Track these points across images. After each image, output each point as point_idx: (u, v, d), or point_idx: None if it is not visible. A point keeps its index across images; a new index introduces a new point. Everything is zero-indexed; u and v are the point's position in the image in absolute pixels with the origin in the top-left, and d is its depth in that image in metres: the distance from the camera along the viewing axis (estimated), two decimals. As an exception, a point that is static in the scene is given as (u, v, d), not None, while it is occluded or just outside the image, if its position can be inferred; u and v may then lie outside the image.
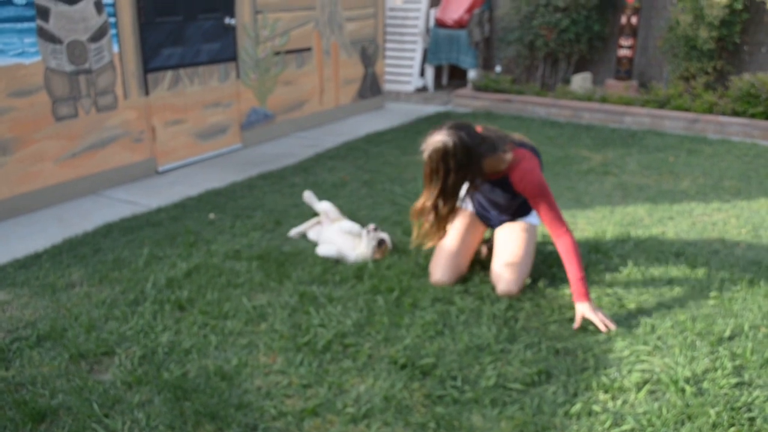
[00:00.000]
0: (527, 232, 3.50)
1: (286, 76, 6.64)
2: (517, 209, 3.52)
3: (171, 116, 5.50)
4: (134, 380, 2.65)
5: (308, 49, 6.87)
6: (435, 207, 3.23)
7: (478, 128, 3.26)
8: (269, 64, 6.40)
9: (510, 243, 3.46)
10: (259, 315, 3.15)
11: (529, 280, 3.48)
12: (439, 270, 3.48)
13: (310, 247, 3.89)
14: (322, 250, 3.74)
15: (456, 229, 3.57)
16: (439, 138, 3.09)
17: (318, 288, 3.38)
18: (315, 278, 3.49)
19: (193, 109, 5.70)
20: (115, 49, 4.95)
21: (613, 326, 3.05)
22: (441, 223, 3.31)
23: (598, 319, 3.05)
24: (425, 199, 3.24)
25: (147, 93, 5.26)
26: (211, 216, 4.39)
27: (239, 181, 5.16)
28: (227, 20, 5.86)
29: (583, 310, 3.08)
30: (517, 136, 3.41)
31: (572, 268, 3.12)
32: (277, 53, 6.47)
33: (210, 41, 5.74)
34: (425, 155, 3.13)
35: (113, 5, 4.87)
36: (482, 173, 3.20)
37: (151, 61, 5.25)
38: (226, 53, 5.92)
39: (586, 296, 3.09)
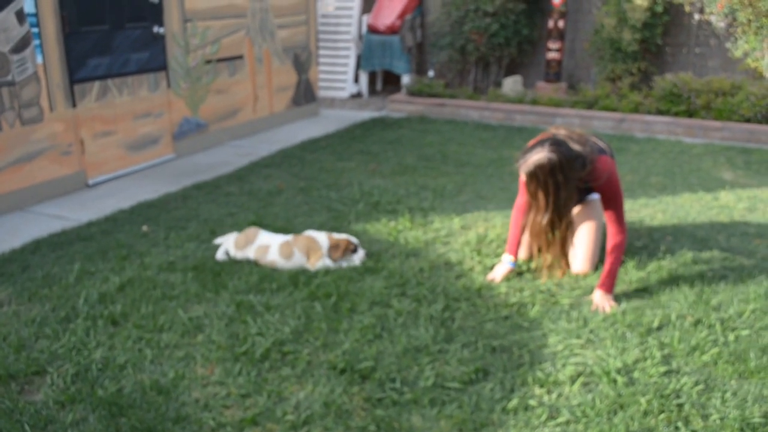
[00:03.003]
0: (595, 213, 3.72)
1: (218, 84, 6.57)
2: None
3: (100, 128, 5.38)
4: (67, 399, 2.59)
5: (240, 57, 6.82)
6: (551, 225, 3.32)
7: (561, 131, 3.37)
8: (200, 72, 6.32)
9: (582, 227, 3.70)
10: (196, 326, 3.11)
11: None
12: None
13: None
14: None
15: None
16: (542, 155, 3.16)
17: (255, 297, 3.36)
18: (252, 287, 3.47)
19: (122, 120, 5.58)
20: (39, 60, 4.82)
21: (608, 309, 3.28)
22: (561, 242, 3.41)
23: (599, 304, 3.32)
24: (534, 216, 3.33)
25: (74, 104, 5.13)
26: (144, 228, 4.31)
27: (173, 192, 5.08)
28: (156, 29, 5.78)
29: (597, 294, 3.36)
30: (595, 138, 3.54)
31: (610, 262, 3.37)
32: (209, 62, 6.40)
33: (138, 51, 5.64)
34: (525, 172, 3.21)
35: (35, 15, 4.74)
36: (578, 186, 3.32)
37: (77, 72, 5.12)
38: (156, 62, 5.83)
39: (606, 287, 3.35)
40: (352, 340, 2.96)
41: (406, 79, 9.25)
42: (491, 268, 3.72)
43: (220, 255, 3.83)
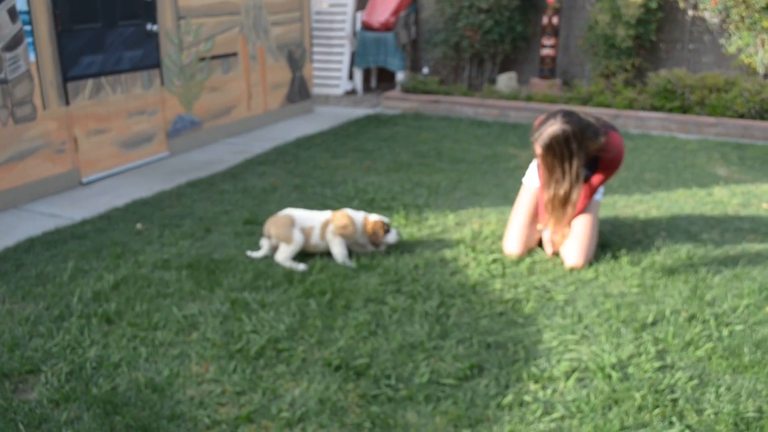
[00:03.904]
0: (592, 209, 3.82)
1: (212, 81, 6.56)
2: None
3: (94, 125, 5.36)
4: (61, 397, 2.58)
5: (234, 54, 6.80)
6: (568, 194, 3.51)
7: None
8: (194, 70, 6.31)
9: (578, 221, 3.75)
10: (190, 324, 3.10)
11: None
12: (511, 242, 3.84)
13: (240, 253, 3.85)
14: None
15: (526, 204, 3.88)
16: (557, 126, 3.36)
17: (250, 294, 3.36)
18: (246, 284, 3.46)
19: (116, 117, 5.57)
20: (32, 58, 4.80)
21: (551, 249, 3.76)
22: (569, 211, 3.59)
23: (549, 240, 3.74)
24: (554, 190, 3.52)
25: (67, 102, 5.11)
26: (139, 226, 4.30)
27: (167, 190, 5.07)
28: (149, 26, 5.75)
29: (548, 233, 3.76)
30: (603, 119, 3.68)
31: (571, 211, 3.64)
32: (202, 59, 6.38)
33: (132, 48, 5.63)
34: (542, 145, 3.38)
35: (28, 13, 4.72)
36: (589, 155, 3.50)
37: (70, 70, 5.10)
38: (149, 60, 5.81)
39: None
40: (347, 337, 2.96)
41: (400, 76, 9.24)
42: (486, 264, 3.72)
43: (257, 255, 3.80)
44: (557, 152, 3.39)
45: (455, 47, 8.89)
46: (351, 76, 9.62)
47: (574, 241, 3.73)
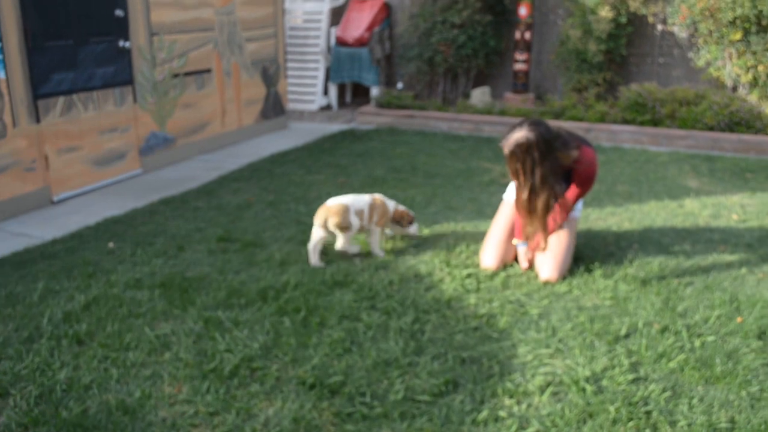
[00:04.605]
0: (569, 225, 3.87)
1: (185, 98, 6.53)
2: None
3: (65, 143, 5.31)
4: (30, 421, 2.53)
5: (208, 71, 6.78)
6: (529, 202, 3.58)
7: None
8: (167, 86, 6.28)
9: (554, 236, 3.80)
10: (163, 344, 3.06)
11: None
12: (487, 256, 3.88)
13: (214, 271, 3.82)
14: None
15: (504, 218, 3.94)
16: (521, 134, 3.45)
17: (223, 312, 3.33)
18: (220, 303, 3.43)
19: (88, 135, 5.52)
20: (2, 75, 4.74)
21: (526, 264, 3.84)
22: (539, 218, 3.64)
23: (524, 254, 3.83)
24: (518, 195, 3.62)
25: (38, 120, 5.06)
26: (111, 245, 4.26)
27: (140, 208, 5.03)
28: (121, 43, 5.72)
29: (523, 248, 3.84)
30: (577, 134, 3.79)
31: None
32: (176, 75, 6.36)
33: (104, 65, 5.59)
34: (507, 152, 3.50)
35: (-3, 30, 4.68)
36: (559, 166, 3.56)
37: (41, 87, 5.05)
38: (122, 77, 5.78)
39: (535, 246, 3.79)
40: (322, 355, 2.94)
41: (375, 91, 9.28)
42: (461, 279, 3.72)
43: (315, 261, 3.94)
44: (520, 158, 3.48)
45: (429, 62, 8.95)
46: (326, 92, 9.63)
47: (549, 255, 3.76)
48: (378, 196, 4.11)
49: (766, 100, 7.15)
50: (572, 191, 3.74)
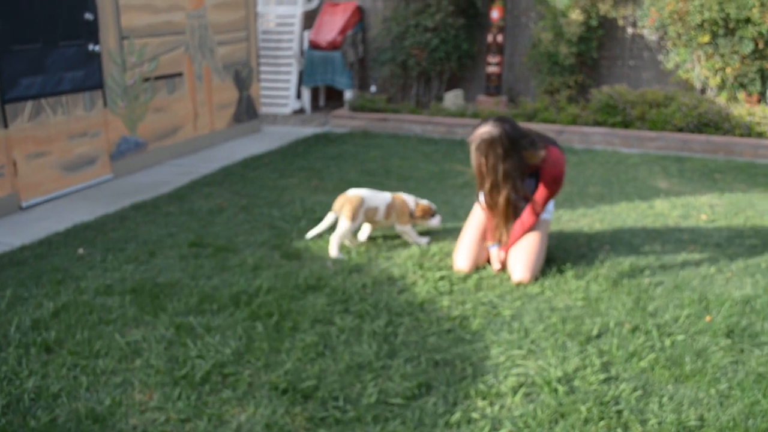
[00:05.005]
0: (541, 227, 3.90)
1: (157, 102, 6.47)
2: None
3: (34, 148, 5.24)
4: (-3, 431, 2.49)
5: (179, 75, 6.73)
6: (491, 198, 3.63)
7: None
8: (138, 90, 6.22)
9: (526, 237, 3.84)
10: (134, 351, 3.03)
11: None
12: (460, 258, 3.89)
13: (186, 277, 3.79)
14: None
15: (477, 220, 3.96)
16: (486, 129, 3.50)
17: (195, 318, 3.30)
18: (191, 309, 3.41)
19: (57, 140, 5.45)
20: (-33, 80, 4.67)
21: (498, 265, 3.86)
22: (500, 214, 3.70)
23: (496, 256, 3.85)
24: (482, 189, 3.66)
25: (6, 125, 4.98)
26: (80, 251, 4.20)
27: (110, 213, 4.97)
28: (91, 47, 5.66)
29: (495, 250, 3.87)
30: (546, 135, 3.82)
31: (516, 231, 3.82)
32: (147, 79, 6.30)
33: (73, 69, 5.52)
34: (473, 147, 3.55)
35: (-38, 34, 4.60)
36: (525, 164, 3.57)
37: (8, 92, 4.98)
38: (92, 81, 5.71)
39: (507, 248, 3.84)
40: (294, 360, 2.93)
41: (348, 95, 9.27)
42: (434, 281, 3.73)
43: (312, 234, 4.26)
44: (483, 153, 3.52)
45: (402, 65, 8.97)
46: (299, 95, 9.61)
47: (521, 257, 3.78)
48: (399, 195, 4.28)
49: (734, 102, 7.26)
50: (540, 192, 3.77)
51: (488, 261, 3.99)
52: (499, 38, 8.66)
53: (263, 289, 3.59)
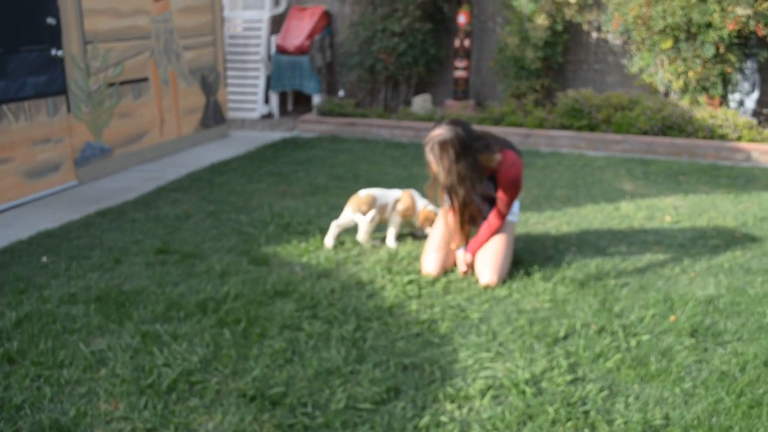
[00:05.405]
0: (507, 229, 3.94)
1: (122, 107, 6.40)
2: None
3: (-5, 156, 5.14)
4: (-43, 445, 2.44)
5: (145, 79, 6.66)
6: (449, 200, 3.66)
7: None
8: (103, 95, 6.14)
9: (492, 240, 3.88)
10: (98, 360, 2.99)
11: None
12: (428, 262, 3.91)
13: (152, 284, 3.75)
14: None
15: (443, 224, 3.96)
16: (438, 132, 3.54)
17: (161, 326, 3.26)
18: (158, 316, 3.37)
19: (20, 146, 5.35)
20: (-75, 86, 4.57)
21: (464, 268, 3.87)
22: (460, 216, 3.74)
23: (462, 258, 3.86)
24: (439, 190, 3.70)
25: (-35, 132, 4.89)
26: (44, 259, 4.13)
27: (75, 220, 4.90)
28: (54, 52, 5.58)
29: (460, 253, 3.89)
30: (503, 138, 3.83)
31: (482, 234, 3.88)
32: (111, 84, 6.22)
33: (35, 74, 5.43)
34: (426, 149, 3.58)
35: None
36: (479, 167, 3.59)
37: (-32, 98, 4.89)
38: (55, 86, 5.63)
39: (472, 250, 3.88)
40: (263, 366, 2.91)
41: (316, 99, 9.25)
42: (402, 285, 3.73)
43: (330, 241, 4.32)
44: (436, 155, 3.54)
45: (370, 70, 8.98)
46: (267, 100, 9.57)
47: (488, 260, 3.80)
48: (409, 191, 4.42)
49: (697, 105, 7.39)
50: (500, 196, 3.80)
51: (455, 264, 4.00)
52: (466, 43, 8.71)
53: (231, 296, 3.57)
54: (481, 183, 3.67)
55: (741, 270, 4.00)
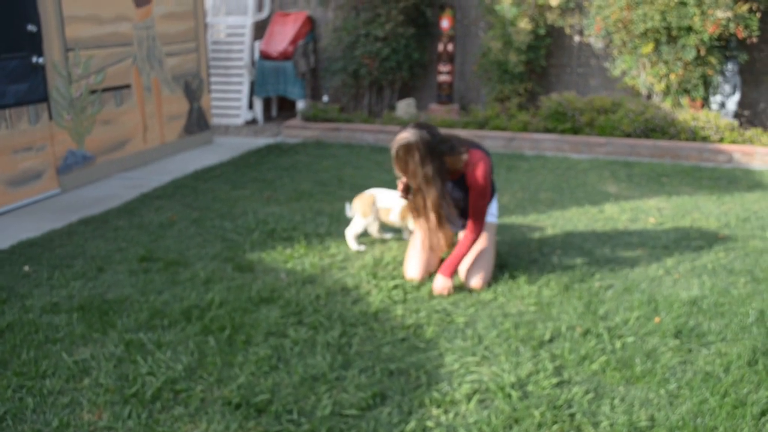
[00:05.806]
0: (488, 231, 3.93)
1: (104, 115, 6.36)
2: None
3: (-25, 164, 5.09)
4: (-63, 458, 2.40)
5: (127, 86, 6.62)
6: (417, 203, 3.68)
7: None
8: (85, 103, 6.10)
9: (475, 244, 3.82)
10: (82, 370, 2.96)
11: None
12: (411, 267, 3.91)
13: (136, 292, 3.72)
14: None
15: (423, 229, 3.89)
16: (404, 135, 3.53)
17: (145, 334, 3.24)
18: (142, 325, 3.34)
19: (1, 154, 5.30)
20: None
21: (445, 293, 3.71)
22: (426, 218, 3.70)
23: (440, 287, 3.71)
24: (409, 195, 3.73)
25: (-55, 141, 4.84)
26: (26, 269, 4.09)
27: (57, 229, 4.85)
28: (35, 59, 5.53)
29: (438, 278, 3.75)
30: (470, 140, 3.82)
31: (458, 251, 3.76)
32: (94, 91, 6.18)
33: (16, 82, 5.39)
34: (392, 153, 3.57)
35: None
36: (446, 170, 3.60)
37: (-53, 107, 4.84)
38: (36, 94, 5.58)
39: (447, 272, 3.74)
40: (248, 374, 2.89)
41: (300, 105, 9.24)
42: (387, 290, 3.73)
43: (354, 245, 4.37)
44: (402, 159, 3.55)
45: (354, 75, 8.98)
46: (251, 106, 9.54)
47: (472, 264, 3.80)
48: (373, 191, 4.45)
49: (679, 107, 7.45)
50: (473, 199, 3.73)
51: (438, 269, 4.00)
52: (450, 47, 8.73)
53: (215, 303, 3.55)
54: (447, 184, 3.65)
55: (724, 271, 4.03)
